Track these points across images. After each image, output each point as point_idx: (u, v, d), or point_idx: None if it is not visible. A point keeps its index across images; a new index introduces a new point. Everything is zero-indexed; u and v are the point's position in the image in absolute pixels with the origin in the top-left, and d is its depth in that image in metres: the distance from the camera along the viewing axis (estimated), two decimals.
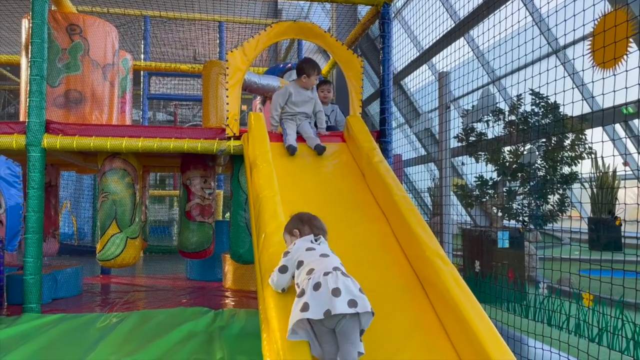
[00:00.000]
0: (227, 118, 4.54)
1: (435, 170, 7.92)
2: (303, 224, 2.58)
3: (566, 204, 5.92)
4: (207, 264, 6.47)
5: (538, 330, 3.37)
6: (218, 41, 10.17)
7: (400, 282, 3.00)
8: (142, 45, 9.64)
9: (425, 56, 7.71)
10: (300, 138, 4.27)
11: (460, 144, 6.29)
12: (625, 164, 7.73)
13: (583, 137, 5.74)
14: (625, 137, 6.15)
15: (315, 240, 2.47)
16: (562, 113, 5.46)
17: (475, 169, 6.51)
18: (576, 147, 5.81)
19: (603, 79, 2.57)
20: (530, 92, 5.59)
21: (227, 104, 4.52)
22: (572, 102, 2.82)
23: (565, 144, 5.82)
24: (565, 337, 3.17)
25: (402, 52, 6.63)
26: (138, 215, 4.87)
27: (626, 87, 2.37)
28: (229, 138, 4.58)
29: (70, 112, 4.80)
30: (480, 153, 6.43)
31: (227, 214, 10.15)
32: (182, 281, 6.53)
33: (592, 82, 2.61)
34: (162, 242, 11.60)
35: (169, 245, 10.85)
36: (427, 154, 8.69)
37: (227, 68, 4.49)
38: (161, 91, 11.13)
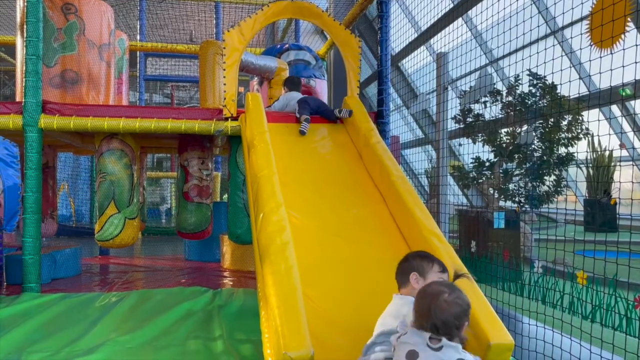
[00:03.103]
0: (225, 99, 4.53)
1: (432, 151, 7.93)
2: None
3: (562, 185, 5.95)
4: (205, 244, 6.50)
5: (532, 308, 3.42)
6: (215, 21, 10.08)
7: (397, 261, 3.03)
8: (138, 26, 9.55)
9: (423, 37, 7.67)
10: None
11: (457, 126, 6.29)
12: (622, 146, 7.75)
13: (580, 118, 5.75)
14: (621, 116, 6.16)
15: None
16: (559, 94, 5.46)
17: (472, 149, 6.52)
18: (573, 128, 5.82)
19: (600, 57, 2.57)
20: (528, 72, 5.58)
21: (225, 84, 4.50)
22: (569, 81, 2.82)
23: (562, 125, 5.83)
24: (560, 315, 3.22)
25: (399, 33, 6.58)
26: (136, 195, 4.88)
27: (623, 66, 2.37)
28: (226, 119, 4.57)
29: (67, 93, 4.78)
30: (477, 135, 6.43)
31: (225, 196, 10.18)
32: (180, 262, 6.57)
33: (589, 60, 2.61)
34: (160, 223, 11.64)
35: (167, 226, 10.89)
36: (425, 136, 8.69)
37: (224, 48, 4.47)
38: (158, 72, 11.06)
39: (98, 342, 3.01)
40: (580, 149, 6.37)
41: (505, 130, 6.30)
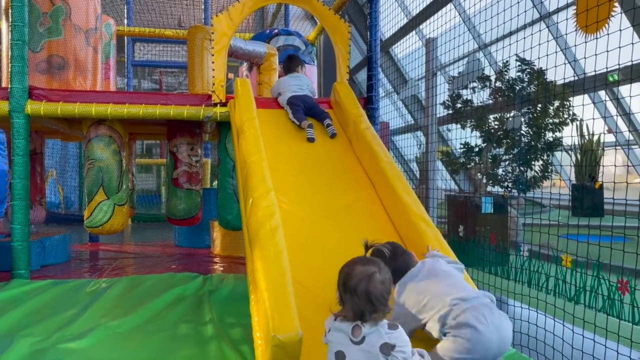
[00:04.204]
0: (214, 84, 4.50)
1: (421, 136, 7.96)
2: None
3: (549, 170, 6.02)
4: (195, 230, 6.51)
5: (518, 291, 3.48)
6: (203, 6, 9.97)
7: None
8: (125, 10, 9.43)
9: (413, 22, 7.65)
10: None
11: (446, 111, 6.32)
12: (609, 131, 7.82)
13: (567, 103, 5.79)
14: (606, 100, 6.21)
15: None
16: (547, 79, 5.49)
17: (461, 135, 6.56)
18: (560, 113, 5.86)
19: (585, 42, 2.59)
20: (517, 58, 5.60)
21: (213, 69, 4.47)
22: (555, 66, 2.84)
23: (549, 110, 5.88)
24: (546, 298, 3.28)
25: (389, 18, 6.57)
26: (125, 182, 4.87)
27: (607, 50, 2.39)
28: (215, 104, 4.55)
29: (54, 78, 4.72)
30: (466, 122, 6.46)
31: (215, 182, 10.16)
32: (170, 248, 6.58)
33: (575, 45, 2.63)
34: (150, 210, 11.61)
35: (157, 213, 10.86)
36: (415, 122, 8.72)
37: (213, 33, 4.43)
38: (146, 58, 10.94)
39: (88, 327, 3.02)
40: (568, 135, 6.43)
41: (494, 116, 6.34)
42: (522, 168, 6.04)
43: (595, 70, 2.56)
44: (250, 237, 2.90)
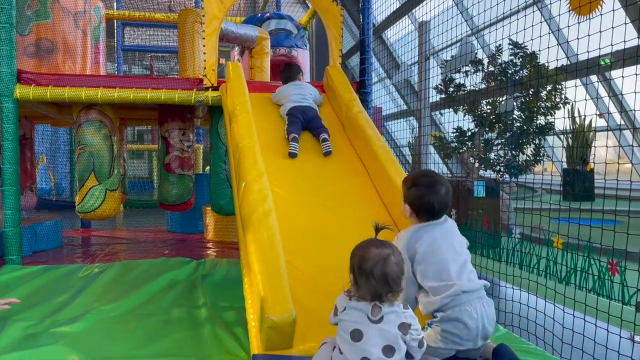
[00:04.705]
0: (205, 68, 4.46)
1: (414, 121, 7.96)
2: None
3: (541, 154, 6.04)
4: (188, 216, 6.49)
5: (510, 273, 3.52)
6: None
7: None
8: None
9: (405, 6, 7.60)
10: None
11: (439, 96, 6.31)
12: (601, 116, 7.85)
13: (560, 87, 5.80)
14: (598, 81, 6.23)
15: None
16: (539, 62, 5.49)
17: (454, 119, 6.57)
18: (552, 97, 5.87)
19: (578, 23, 2.59)
20: (510, 42, 5.59)
21: (205, 53, 4.43)
22: (548, 47, 2.84)
23: (542, 94, 5.89)
24: (538, 280, 3.31)
25: (381, 1, 6.52)
26: (116, 167, 4.83)
27: (600, 31, 2.39)
28: (206, 89, 4.51)
29: (42, 62, 4.66)
30: (459, 106, 6.46)
31: (207, 168, 10.12)
32: (163, 234, 6.56)
33: (568, 26, 2.63)
34: (142, 196, 11.57)
35: (149, 199, 10.83)
36: (407, 107, 8.71)
37: (203, 16, 4.38)
38: (136, 42, 10.81)
39: (81, 311, 3.02)
40: (560, 119, 6.45)
41: (487, 100, 6.34)
42: (514, 152, 6.06)
43: (587, 51, 2.56)
44: (243, 221, 2.90)
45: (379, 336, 1.76)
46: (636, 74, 2.39)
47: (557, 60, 3.08)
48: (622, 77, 2.48)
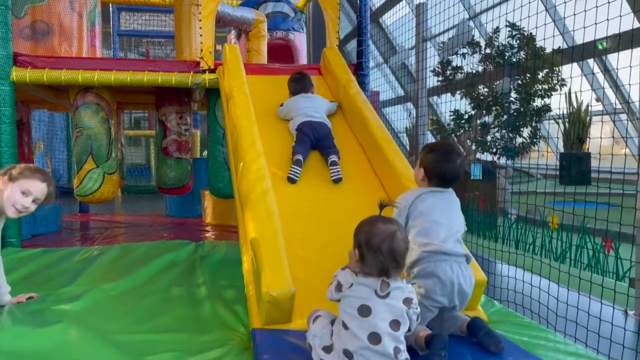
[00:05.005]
0: (202, 50, 4.45)
1: (411, 106, 7.96)
2: None
3: (538, 137, 6.06)
4: (186, 200, 6.51)
5: (506, 254, 3.55)
6: None
7: (375, 207, 3.10)
8: None
9: None
10: None
11: (437, 79, 6.30)
12: (598, 100, 7.86)
13: (557, 69, 5.81)
14: (594, 65, 6.24)
15: None
16: (536, 45, 5.48)
17: (451, 103, 6.57)
18: (550, 79, 5.87)
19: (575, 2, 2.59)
20: (507, 24, 5.58)
21: (201, 35, 4.42)
22: (545, 24, 2.84)
23: (539, 76, 5.89)
24: (533, 258, 3.35)
25: None
26: (114, 151, 4.84)
27: (596, 6, 2.39)
28: (203, 71, 4.51)
29: (38, 44, 4.64)
30: (455, 90, 6.46)
31: (205, 152, 10.12)
32: (162, 218, 6.59)
33: (563, 2, 2.63)
34: (140, 182, 11.58)
35: (147, 185, 10.84)
36: (405, 93, 8.70)
37: None
38: (132, 27, 10.74)
39: (82, 290, 3.04)
40: (558, 104, 6.46)
41: (483, 85, 6.34)
42: (511, 135, 6.08)
43: (584, 29, 2.57)
44: (242, 200, 2.92)
45: (387, 311, 1.80)
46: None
47: (553, 37, 3.08)
48: (618, 61, 2.49)
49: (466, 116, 6.35)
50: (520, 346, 2.18)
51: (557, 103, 6.81)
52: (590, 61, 6.80)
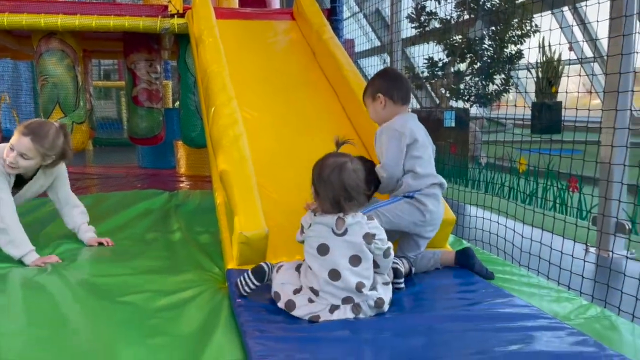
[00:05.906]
0: None
1: (387, 57, 7.88)
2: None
3: (510, 84, 6.11)
4: (159, 151, 6.44)
5: (475, 199, 3.65)
6: None
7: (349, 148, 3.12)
8: None
9: None
10: None
11: (411, 26, 6.23)
12: (570, 49, 7.91)
13: (530, 15, 5.80)
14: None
15: None
16: None
17: (425, 50, 6.54)
18: (523, 25, 5.87)
19: None
20: None
21: None
22: None
23: (512, 22, 5.87)
24: (501, 202, 3.45)
25: None
26: (82, 100, 4.71)
27: None
28: (172, 15, 4.37)
29: None
30: (429, 37, 6.41)
31: (177, 103, 9.94)
32: (134, 169, 6.52)
33: None
34: (112, 135, 11.38)
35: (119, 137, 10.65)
36: (380, 42, 8.59)
37: None
38: None
39: (55, 238, 3.03)
40: (531, 50, 6.47)
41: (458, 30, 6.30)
42: (484, 82, 6.11)
43: None
44: (214, 146, 2.91)
45: (345, 247, 1.82)
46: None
47: None
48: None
49: (440, 64, 6.34)
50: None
51: (531, 53, 6.83)
52: (568, 14, 6.81)
